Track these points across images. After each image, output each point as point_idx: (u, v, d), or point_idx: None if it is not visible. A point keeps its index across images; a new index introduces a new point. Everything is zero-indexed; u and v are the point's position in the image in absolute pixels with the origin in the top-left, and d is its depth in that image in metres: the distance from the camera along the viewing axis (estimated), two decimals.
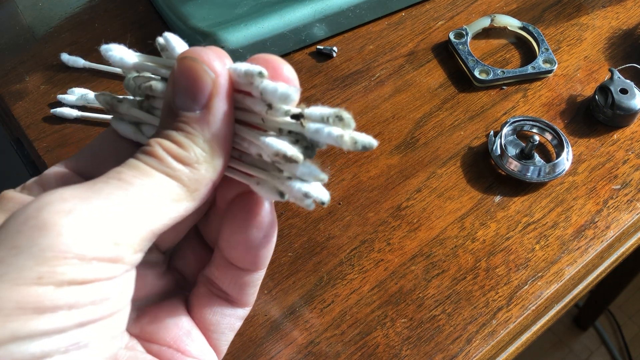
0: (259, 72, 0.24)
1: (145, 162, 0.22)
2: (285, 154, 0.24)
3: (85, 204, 0.20)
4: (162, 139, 0.23)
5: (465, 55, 0.51)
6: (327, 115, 0.24)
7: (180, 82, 0.23)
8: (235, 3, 0.52)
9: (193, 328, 0.28)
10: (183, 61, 0.23)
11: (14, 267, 0.19)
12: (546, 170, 0.44)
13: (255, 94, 0.24)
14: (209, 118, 0.23)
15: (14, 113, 0.49)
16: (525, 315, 0.39)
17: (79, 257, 0.20)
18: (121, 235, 0.21)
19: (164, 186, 0.22)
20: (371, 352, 0.37)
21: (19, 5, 0.57)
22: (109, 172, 0.22)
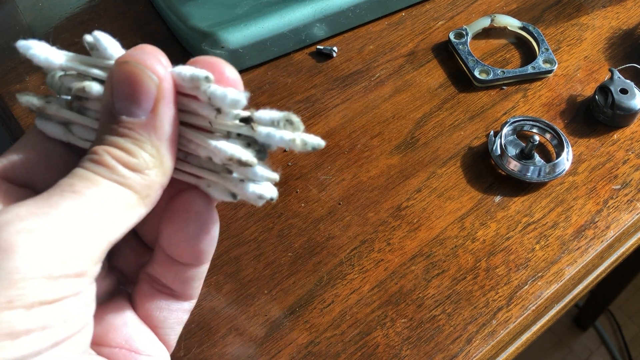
0: (205, 76, 0.23)
1: (95, 172, 0.22)
2: (240, 159, 0.24)
3: (44, 221, 0.20)
4: (108, 146, 0.22)
5: (465, 55, 0.51)
6: (277, 119, 0.24)
7: (122, 88, 0.23)
8: (235, 3, 0.52)
9: (141, 326, 0.28)
10: (123, 66, 0.23)
11: None
12: (546, 170, 0.44)
13: (202, 98, 0.24)
14: (155, 123, 0.23)
15: (14, 113, 0.49)
16: (525, 315, 0.39)
17: (46, 276, 0.19)
18: (82, 249, 0.21)
19: (117, 196, 0.22)
20: (371, 352, 0.37)
21: (19, 5, 0.57)
22: (60, 183, 0.22)
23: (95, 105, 0.25)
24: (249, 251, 0.41)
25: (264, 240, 0.42)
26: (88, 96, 0.25)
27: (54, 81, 0.26)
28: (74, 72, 0.26)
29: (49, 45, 0.26)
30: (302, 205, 0.43)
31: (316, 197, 0.44)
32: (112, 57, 0.25)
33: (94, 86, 0.25)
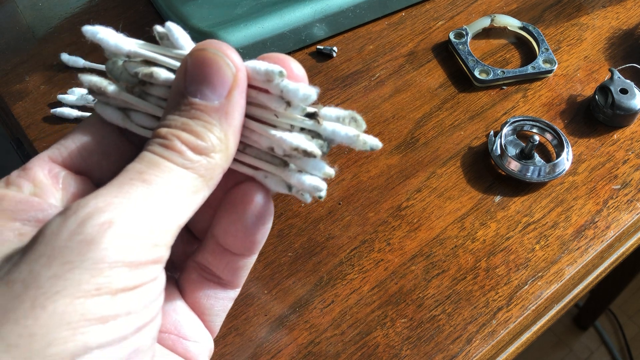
0: (280, 71, 0.25)
1: (165, 157, 0.23)
2: (306, 150, 0.25)
3: (121, 212, 0.21)
4: (177, 130, 0.23)
5: (465, 55, 0.51)
6: (343, 116, 0.26)
7: (199, 72, 0.24)
8: (235, 3, 0.52)
9: (189, 312, 0.29)
10: (202, 52, 0.24)
11: (71, 281, 0.19)
12: (546, 170, 0.44)
13: (274, 91, 0.25)
14: (227, 109, 0.24)
15: (14, 113, 0.49)
16: (525, 315, 0.39)
17: (128, 264, 0.20)
18: (158, 236, 0.22)
19: (185, 180, 0.23)
20: (371, 352, 0.37)
21: (19, 5, 0.57)
22: (128, 170, 0.22)
23: (159, 92, 0.26)
24: None
25: None
26: (155, 81, 0.26)
27: (115, 67, 0.27)
28: (138, 59, 0.27)
29: (115, 31, 0.27)
30: (302, 205, 0.43)
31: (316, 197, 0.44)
32: (183, 48, 0.26)
33: (162, 72, 0.25)
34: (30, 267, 0.19)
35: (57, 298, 0.19)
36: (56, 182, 0.25)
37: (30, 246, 0.20)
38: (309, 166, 0.26)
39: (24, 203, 0.23)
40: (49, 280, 0.19)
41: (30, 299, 0.19)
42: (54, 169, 0.25)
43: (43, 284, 0.19)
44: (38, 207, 0.23)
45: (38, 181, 0.24)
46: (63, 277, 0.19)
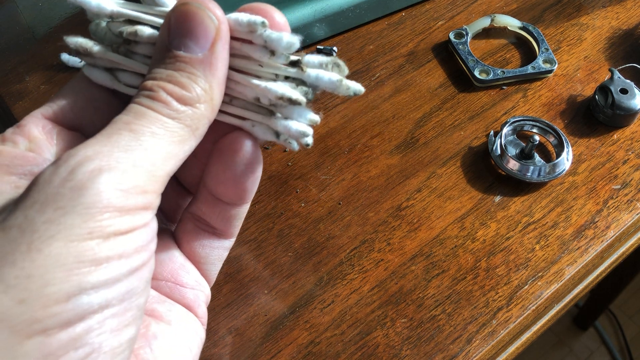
0: (262, 22, 0.25)
1: (151, 108, 0.23)
2: (291, 97, 0.26)
3: (110, 160, 0.21)
4: (163, 82, 0.24)
5: (465, 55, 0.51)
6: (326, 62, 0.26)
7: (183, 25, 0.24)
8: (235, 3, 0.52)
9: (186, 261, 0.30)
10: (185, 6, 0.24)
11: (64, 225, 0.20)
12: (546, 170, 0.44)
13: (257, 41, 0.26)
14: (211, 61, 0.24)
15: (14, 113, 0.49)
16: (525, 315, 0.39)
17: (118, 209, 0.21)
18: (147, 183, 0.22)
19: (171, 130, 0.23)
20: (371, 352, 0.37)
21: (19, 5, 0.57)
22: (116, 121, 0.23)
23: (144, 49, 0.26)
24: (249, 251, 0.41)
25: (264, 240, 0.42)
26: (139, 39, 0.26)
27: (99, 28, 0.27)
28: (121, 18, 0.27)
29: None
30: (302, 205, 0.43)
31: (316, 197, 0.44)
32: (165, 4, 0.26)
33: (146, 29, 0.26)
34: (25, 213, 0.20)
35: (51, 241, 0.20)
36: (50, 138, 0.26)
37: (25, 194, 0.21)
38: (294, 114, 0.27)
39: (19, 158, 0.24)
40: (43, 224, 0.20)
41: (27, 242, 0.20)
42: (47, 125, 0.26)
43: (38, 228, 0.20)
44: (33, 161, 0.24)
45: (33, 137, 0.25)
46: (56, 221, 0.20)
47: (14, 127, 0.25)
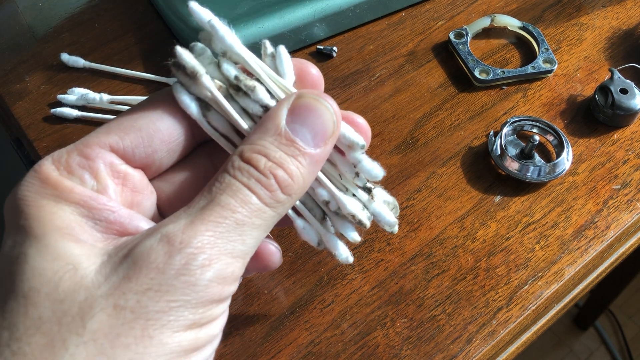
0: (362, 145, 0.27)
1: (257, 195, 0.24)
2: (361, 220, 0.28)
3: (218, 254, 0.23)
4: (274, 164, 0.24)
5: (465, 55, 0.51)
6: (389, 201, 0.30)
7: (307, 117, 0.25)
8: (235, 3, 0.52)
9: None
10: (315, 102, 0.26)
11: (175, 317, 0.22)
12: (546, 170, 0.44)
13: (350, 159, 0.28)
14: (319, 158, 0.26)
15: (14, 113, 0.49)
16: (525, 315, 0.39)
17: (217, 301, 0.23)
18: (239, 271, 0.24)
19: (267, 220, 0.25)
20: (371, 352, 0.37)
21: (19, 5, 0.57)
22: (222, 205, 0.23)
23: (245, 104, 0.27)
24: None
25: None
26: (252, 96, 0.27)
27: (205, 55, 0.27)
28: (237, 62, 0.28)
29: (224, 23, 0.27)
30: None
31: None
32: (285, 75, 0.28)
33: (262, 92, 0.27)
34: (138, 298, 0.21)
35: (162, 330, 0.21)
36: (117, 178, 0.25)
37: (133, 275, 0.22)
38: (345, 229, 0.29)
39: (94, 200, 0.24)
40: (156, 313, 0.21)
41: (140, 328, 0.21)
42: (114, 162, 0.25)
43: (151, 317, 0.21)
44: (109, 207, 0.24)
45: (100, 177, 0.25)
46: (169, 312, 0.22)
47: (79, 155, 0.24)
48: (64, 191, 0.23)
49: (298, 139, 0.25)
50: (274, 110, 0.25)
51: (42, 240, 0.22)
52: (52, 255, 0.21)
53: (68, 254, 0.22)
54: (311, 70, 0.28)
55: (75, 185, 0.24)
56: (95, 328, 0.21)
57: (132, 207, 0.26)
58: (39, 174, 0.23)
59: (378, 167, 0.28)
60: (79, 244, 0.22)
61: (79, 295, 0.21)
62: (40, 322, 0.20)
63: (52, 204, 0.23)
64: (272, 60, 0.28)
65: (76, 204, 0.23)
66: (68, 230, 0.22)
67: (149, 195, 0.27)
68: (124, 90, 0.50)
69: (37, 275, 0.21)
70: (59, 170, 0.24)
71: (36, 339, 0.20)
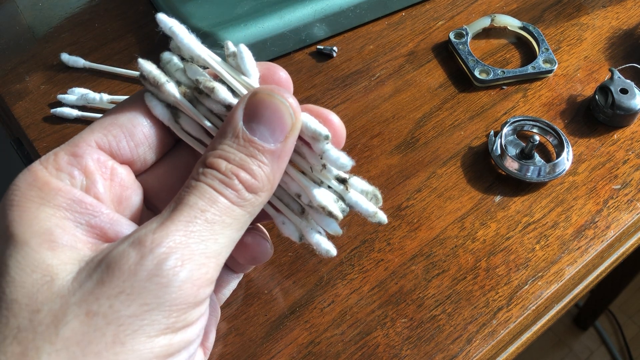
0: (326, 135, 0.27)
1: (223, 195, 0.24)
2: (331, 212, 0.28)
3: (190, 254, 0.23)
4: (236, 167, 0.25)
5: (465, 55, 0.51)
6: (367, 190, 0.29)
7: (263, 114, 0.25)
8: (235, 3, 0.52)
9: None
10: (269, 97, 0.25)
11: (148, 321, 0.21)
12: (546, 170, 0.44)
13: (316, 150, 0.27)
14: (281, 153, 0.26)
15: (14, 113, 0.49)
16: (525, 315, 0.39)
17: (193, 304, 0.23)
18: (214, 273, 0.24)
19: (237, 218, 0.25)
20: (371, 352, 0.37)
21: (19, 5, 0.57)
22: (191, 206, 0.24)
23: (211, 105, 0.27)
24: None
25: None
26: (213, 97, 0.27)
27: (172, 62, 0.28)
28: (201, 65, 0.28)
29: (188, 31, 0.28)
30: None
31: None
32: (249, 73, 0.28)
33: (223, 91, 0.27)
34: (110, 302, 0.21)
35: (135, 336, 0.21)
36: (104, 173, 0.26)
37: (106, 279, 0.22)
38: (324, 222, 0.29)
39: (78, 202, 0.24)
40: (129, 318, 0.21)
41: (112, 334, 0.21)
42: (102, 158, 0.26)
43: (123, 322, 0.21)
44: (90, 211, 0.24)
45: (89, 172, 0.25)
46: (141, 317, 0.21)
47: (68, 155, 0.25)
48: (49, 192, 0.24)
49: (256, 138, 0.25)
50: (231, 112, 0.26)
51: (21, 250, 0.22)
52: (31, 267, 0.22)
53: (45, 264, 0.22)
54: (279, 73, 0.29)
55: (63, 185, 0.24)
56: (67, 335, 0.21)
57: (121, 203, 0.26)
58: (28, 176, 0.24)
59: (344, 156, 0.28)
60: (56, 252, 0.22)
61: (54, 304, 0.21)
62: (17, 332, 0.21)
63: (35, 207, 0.23)
64: (233, 59, 0.28)
65: (59, 206, 0.23)
66: (46, 236, 0.23)
67: (136, 190, 0.27)
68: (124, 91, 0.50)
69: (18, 287, 0.21)
70: (47, 169, 0.24)
71: (12, 348, 0.20)
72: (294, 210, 0.29)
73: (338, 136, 0.29)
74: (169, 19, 0.28)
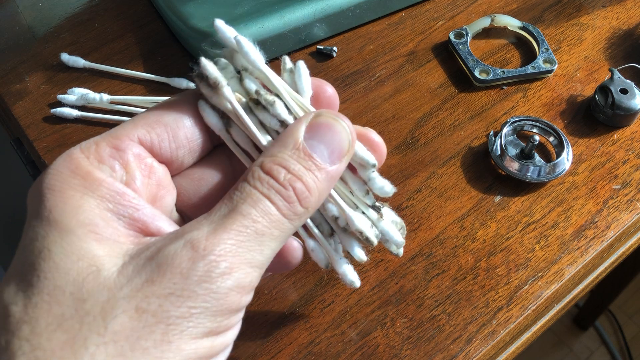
0: (374, 164, 0.28)
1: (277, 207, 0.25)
2: (368, 238, 0.28)
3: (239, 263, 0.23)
4: (294, 177, 0.25)
5: (465, 55, 0.51)
6: (397, 222, 0.30)
7: (325, 135, 0.26)
8: (235, 3, 0.52)
9: None
10: (335, 121, 0.27)
11: (195, 324, 0.22)
12: (546, 170, 0.44)
13: (362, 176, 0.28)
14: (334, 174, 0.26)
15: (14, 113, 0.49)
16: (525, 315, 0.39)
17: (234, 310, 0.24)
18: (256, 281, 0.24)
19: (285, 231, 0.25)
20: (371, 352, 0.37)
21: (19, 5, 0.57)
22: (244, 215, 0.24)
23: (263, 118, 0.28)
24: None
25: None
26: (270, 110, 0.27)
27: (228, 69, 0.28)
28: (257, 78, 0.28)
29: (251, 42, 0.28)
30: None
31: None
32: (303, 91, 0.28)
33: (280, 107, 0.27)
34: (160, 302, 0.22)
35: (181, 336, 0.22)
36: (145, 170, 0.26)
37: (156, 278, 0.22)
38: (352, 246, 0.29)
39: (121, 195, 0.24)
40: (177, 319, 0.22)
41: (160, 332, 0.21)
42: (142, 155, 0.26)
43: (172, 321, 0.22)
44: (130, 206, 0.24)
45: (130, 167, 0.25)
46: (189, 318, 0.22)
47: (110, 147, 0.25)
48: (93, 183, 0.23)
49: (315, 155, 0.26)
50: (293, 126, 0.26)
51: (66, 237, 0.22)
52: (77, 255, 0.22)
53: (91, 254, 0.22)
54: (327, 89, 0.30)
55: (105, 177, 0.24)
56: (116, 329, 0.21)
57: (155, 201, 0.26)
58: (69, 162, 0.24)
59: (389, 184, 0.29)
60: (102, 244, 0.23)
61: (101, 296, 0.21)
62: (62, 320, 0.21)
63: (78, 195, 0.23)
64: (290, 75, 0.29)
65: (102, 198, 0.23)
66: (92, 227, 0.23)
67: (171, 190, 0.28)
68: (124, 90, 0.50)
69: (62, 274, 0.21)
70: (89, 159, 0.24)
71: (57, 335, 0.20)
72: (324, 232, 0.30)
73: (380, 154, 0.30)
74: (227, 27, 0.28)
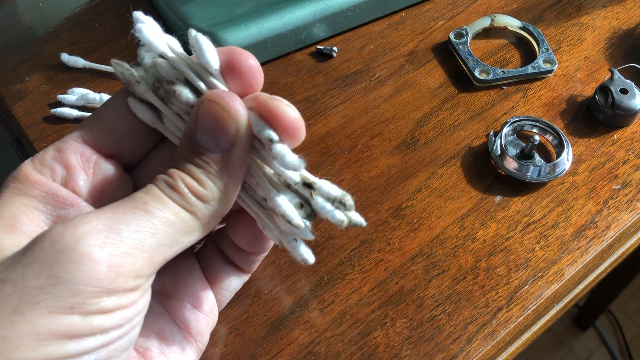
0: (270, 139, 0.25)
1: (168, 196, 0.24)
2: (291, 221, 0.26)
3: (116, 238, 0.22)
4: (184, 173, 0.25)
5: (465, 55, 0.51)
6: (334, 197, 0.27)
7: (206, 123, 0.25)
8: (235, 3, 0.52)
9: (207, 287, 0.32)
10: (211, 104, 0.25)
11: (51, 295, 0.20)
12: (546, 170, 0.44)
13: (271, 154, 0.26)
14: (228, 163, 0.25)
15: (14, 113, 0.49)
16: (525, 315, 0.39)
17: (107, 290, 0.21)
18: (143, 267, 0.23)
19: (182, 220, 0.24)
20: (371, 352, 0.37)
21: (19, 5, 0.57)
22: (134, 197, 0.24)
23: (180, 105, 0.27)
24: None
25: None
26: (176, 98, 0.27)
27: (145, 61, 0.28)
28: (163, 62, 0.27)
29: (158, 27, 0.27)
30: None
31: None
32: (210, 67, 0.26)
33: (185, 93, 0.26)
34: (24, 271, 0.21)
35: (34, 308, 0.20)
36: (88, 167, 0.26)
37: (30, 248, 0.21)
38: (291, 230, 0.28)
39: (51, 196, 0.25)
40: (34, 289, 0.20)
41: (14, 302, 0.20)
42: (86, 153, 0.27)
43: (28, 292, 0.20)
44: (62, 203, 0.25)
45: (70, 166, 0.26)
46: (46, 289, 0.20)
47: (54, 151, 0.26)
48: (27, 184, 0.25)
49: (203, 147, 0.25)
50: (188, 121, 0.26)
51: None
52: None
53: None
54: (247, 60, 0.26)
55: (41, 178, 0.25)
56: None
57: (103, 196, 0.27)
58: (16, 170, 0.25)
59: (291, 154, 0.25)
60: (13, 234, 0.23)
61: None
62: None
63: (11, 196, 0.24)
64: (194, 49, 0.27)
65: (33, 197, 0.24)
66: (11, 221, 0.23)
67: (122, 183, 0.28)
68: None
69: None
70: (33, 164, 0.25)
71: None
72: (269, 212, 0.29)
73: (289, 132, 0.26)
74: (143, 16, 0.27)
